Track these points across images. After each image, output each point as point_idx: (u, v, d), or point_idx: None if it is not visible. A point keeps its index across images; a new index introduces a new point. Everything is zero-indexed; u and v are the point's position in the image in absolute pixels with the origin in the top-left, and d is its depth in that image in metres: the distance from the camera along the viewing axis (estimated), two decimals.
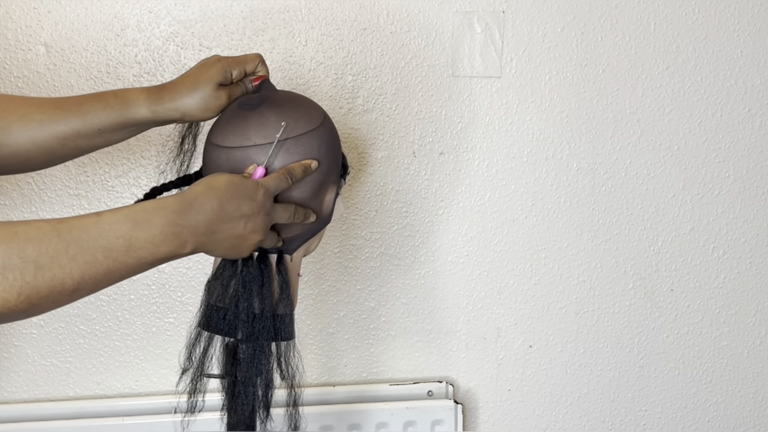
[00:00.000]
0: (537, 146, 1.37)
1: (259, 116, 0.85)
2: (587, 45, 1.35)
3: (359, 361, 1.40)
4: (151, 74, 1.25)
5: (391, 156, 1.33)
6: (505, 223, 1.39)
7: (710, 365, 1.51)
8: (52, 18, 1.22)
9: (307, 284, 1.36)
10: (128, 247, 0.70)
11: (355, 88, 1.30)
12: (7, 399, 1.32)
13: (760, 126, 1.43)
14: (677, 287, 1.47)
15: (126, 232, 0.70)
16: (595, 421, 1.50)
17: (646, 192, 1.42)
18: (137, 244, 0.71)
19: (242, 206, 0.78)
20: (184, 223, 0.74)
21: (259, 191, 0.79)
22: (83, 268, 0.67)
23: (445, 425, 1.35)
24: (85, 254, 0.67)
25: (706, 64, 1.39)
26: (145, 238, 0.71)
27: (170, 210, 0.74)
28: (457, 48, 1.31)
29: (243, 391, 0.87)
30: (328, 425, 1.32)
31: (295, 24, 1.27)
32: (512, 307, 1.42)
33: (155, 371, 1.34)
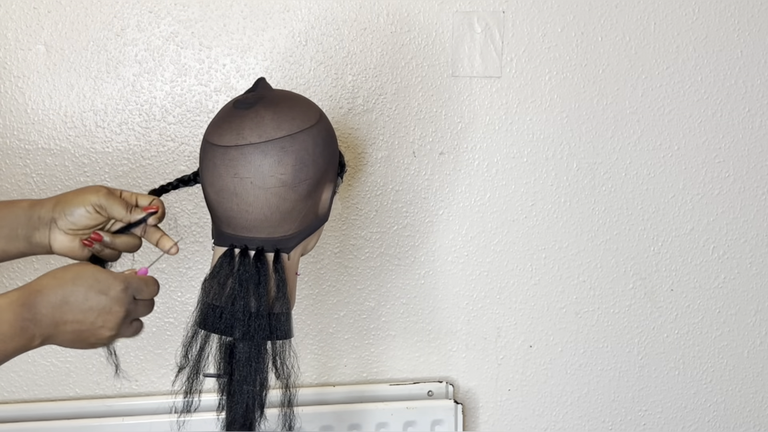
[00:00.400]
0: (537, 146, 1.37)
1: (255, 115, 0.86)
2: (587, 45, 1.35)
3: (359, 361, 1.40)
4: (151, 74, 1.25)
5: (391, 156, 1.33)
6: (505, 223, 1.39)
7: (710, 365, 1.51)
8: (52, 18, 1.22)
9: (306, 284, 1.36)
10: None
11: (355, 88, 1.30)
12: (7, 399, 1.32)
13: (760, 126, 1.43)
14: (677, 287, 1.47)
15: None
16: (595, 421, 1.50)
17: (646, 192, 1.42)
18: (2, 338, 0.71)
19: (89, 299, 0.77)
20: (30, 316, 0.74)
21: (115, 287, 0.79)
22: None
23: (445, 425, 1.35)
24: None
25: (706, 64, 1.39)
26: (6, 342, 0.72)
27: (17, 304, 0.74)
28: (457, 48, 1.31)
29: (238, 390, 0.87)
30: (328, 425, 1.32)
31: (295, 24, 1.27)
32: (512, 307, 1.42)
33: (155, 371, 1.34)
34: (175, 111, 1.27)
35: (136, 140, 1.27)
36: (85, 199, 0.86)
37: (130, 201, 0.89)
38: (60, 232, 0.87)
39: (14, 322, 0.72)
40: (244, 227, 0.87)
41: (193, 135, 1.28)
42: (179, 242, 0.92)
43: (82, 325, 0.77)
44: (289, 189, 0.86)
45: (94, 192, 0.87)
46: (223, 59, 1.26)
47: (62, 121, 1.25)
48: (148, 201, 0.90)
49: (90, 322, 0.77)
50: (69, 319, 0.76)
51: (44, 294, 0.76)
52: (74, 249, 0.88)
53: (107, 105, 1.25)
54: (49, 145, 1.25)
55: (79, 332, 0.77)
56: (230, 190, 0.86)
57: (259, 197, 0.85)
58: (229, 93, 1.27)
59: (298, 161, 0.86)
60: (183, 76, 1.26)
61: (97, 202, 0.86)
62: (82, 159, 1.26)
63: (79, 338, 0.78)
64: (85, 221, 0.86)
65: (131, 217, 0.88)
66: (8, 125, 1.24)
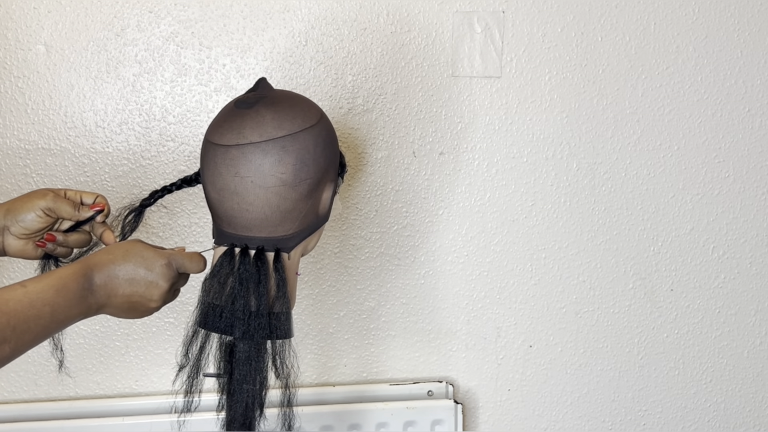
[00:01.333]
0: (537, 146, 1.37)
1: (255, 114, 0.86)
2: (587, 45, 1.35)
3: (359, 361, 1.40)
4: (151, 74, 1.25)
5: (391, 156, 1.33)
6: (505, 223, 1.39)
7: (710, 365, 1.51)
8: (52, 18, 1.22)
9: (306, 284, 1.36)
10: (53, 313, 0.76)
11: (355, 88, 1.30)
12: (7, 399, 1.32)
13: (760, 126, 1.43)
14: (677, 287, 1.47)
15: (51, 299, 0.76)
16: (595, 421, 1.50)
17: (646, 192, 1.42)
18: (59, 309, 0.77)
19: (137, 274, 0.84)
20: (88, 286, 0.80)
21: (159, 262, 0.85)
22: (19, 336, 0.73)
23: (445, 425, 1.35)
24: (22, 324, 0.73)
25: (706, 64, 1.39)
26: (65, 303, 0.77)
27: (79, 275, 0.80)
28: (457, 48, 1.31)
29: (238, 389, 0.87)
30: (328, 425, 1.32)
31: (295, 24, 1.27)
32: (512, 307, 1.42)
33: (155, 371, 1.34)
34: (175, 111, 1.27)
35: (136, 140, 1.27)
36: (33, 204, 0.91)
37: (76, 200, 0.94)
38: (13, 238, 0.92)
39: (77, 291, 0.79)
40: (244, 226, 0.87)
41: (193, 135, 1.28)
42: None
43: (131, 297, 0.84)
44: (289, 188, 0.86)
45: (41, 197, 0.92)
46: (223, 59, 1.26)
47: (62, 121, 1.25)
48: (92, 198, 0.95)
49: (139, 294, 0.84)
50: (119, 293, 0.83)
51: (99, 268, 0.82)
52: (28, 251, 0.94)
53: (107, 105, 1.25)
54: (49, 145, 1.25)
55: (130, 303, 0.84)
56: (231, 189, 0.86)
57: (260, 196, 0.85)
58: (229, 93, 1.27)
59: (299, 161, 0.86)
60: (183, 76, 1.26)
61: (46, 205, 0.91)
62: (82, 159, 1.26)
63: (130, 308, 0.85)
64: (36, 225, 0.92)
65: (79, 216, 0.93)
66: (8, 125, 1.24)
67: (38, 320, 0.74)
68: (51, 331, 0.77)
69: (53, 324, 0.76)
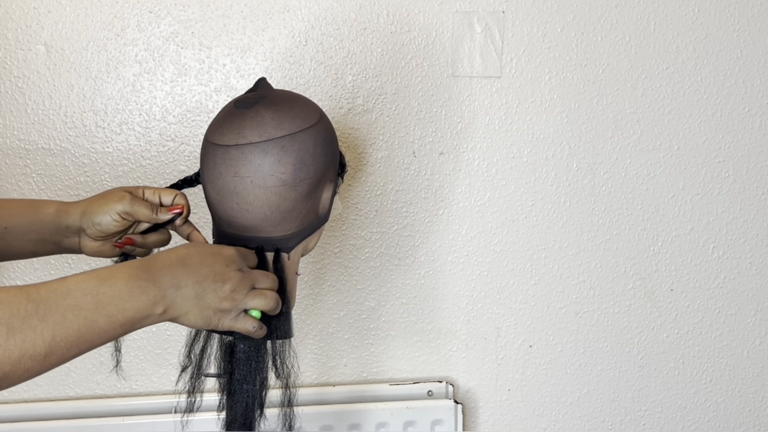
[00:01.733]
0: (537, 146, 1.37)
1: (255, 114, 0.86)
2: (587, 45, 1.35)
3: (359, 361, 1.40)
4: (151, 74, 1.25)
5: (391, 156, 1.33)
6: (505, 223, 1.39)
7: (710, 365, 1.51)
8: (52, 18, 1.22)
9: (306, 284, 1.36)
10: (96, 304, 0.68)
11: (355, 88, 1.30)
12: (7, 399, 1.32)
13: (760, 126, 1.43)
14: (677, 287, 1.47)
15: (93, 288, 0.68)
16: (595, 421, 1.50)
17: (646, 192, 1.42)
18: (105, 300, 0.69)
19: (204, 259, 0.77)
20: (146, 276, 0.72)
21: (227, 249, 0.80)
22: (54, 329, 0.65)
23: (445, 425, 1.35)
24: (55, 314, 0.66)
25: (706, 64, 1.39)
26: (112, 293, 0.69)
27: (134, 266, 0.73)
28: (457, 48, 1.31)
29: (238, 390, 0.87)
30: (328, 425, 1.32)
31: (295, 24, 1.27)
32: (512, 307, 1.42)
33: (155, 371, 1.34)
34: (175, 111, 1.27)
35: (136, 140, 1.27)
36: (110, 207, 0.88)
37: (154, 200, 0.91)
38: (89, 239, 0.89)
39: (129, 281, 0.71)
40: (244, 226, 0.87)
41: (193, 135, 1.28)
42: None
43: (201, 286, 0.75)
44: (289, 188, 0.86)
45: (119, 199, 0.88)
46: (223, 59, 1.26)
47: (62, 121, 1.25)
48: (171, 198, 0.91)
49: (210, 279, 0.76)
50: (189, 282, 0.74)
51: (160, 258, 0.75)
52: (105, 251, 0.90)
53: (107, 105, 1.25)
54: (49, 145, 1.25)
55: (201, 295, 0.75)
56: (230, 189, 0.86)
57: (260, 196, 0.85)
58: (229, 93, 1.27)
59: (299, 161, 0.86)
60: (183, 76, 1.26)
61: (122, 209, 0.88)
62: (82, 159, 1.26)
63: (202, 303, 0.75)
64: (112, 228, 0.88)
65: (157, 219, 0.90)
66: (8, 125, 1.24)
67: (78, 311, 0.66)
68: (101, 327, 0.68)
69: (102, 318, 0.68)
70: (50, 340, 0.65)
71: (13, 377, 0.64)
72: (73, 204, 0.91)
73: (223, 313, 0.77)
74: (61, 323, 0.66)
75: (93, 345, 0.69)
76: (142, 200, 0.90)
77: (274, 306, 0.82)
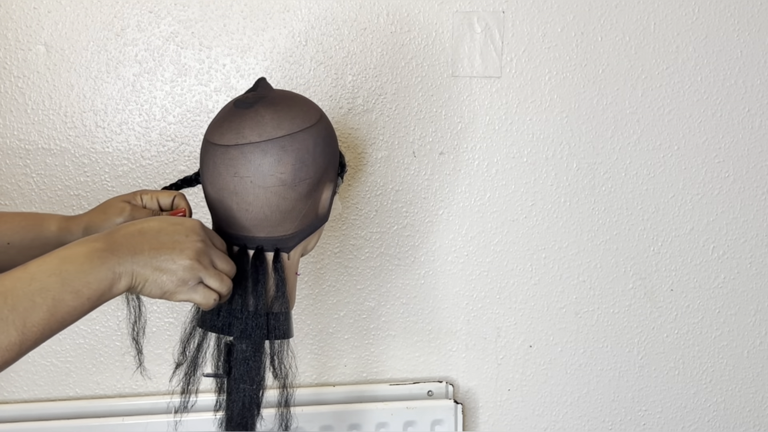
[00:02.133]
0: (537, 146, 1.37)
1: (255, 114, 0.86)
2: (587, 45, 1.35)
3: (359, 361, 1.40)
4: (151, 74, 1.25)
5: (391, 156, 1.33)
6: (505, 223, 1.39)
7: (710, 365, 1.51)
8: (52, 18, 1.22)
9: (306, 284, 1.36)
10: (62, 282, 0.68)
11: (355, 88, 1.30)
12: (7, 399, 1.32)
13: (760, 126, 1.43)
14: (677, 287, 1.47)
15: (56, 268, 0.69)
16: (595, 421, 1.50)
17: (646, 192, 1.42)
18: (69, 277, 0.69)
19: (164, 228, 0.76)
20: (104, 246, 0.72)
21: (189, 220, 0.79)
22: (25, 316, 0.65)
23: (445, 425, 1.35)
24: (24, 300, 0.66)
25: (706, 64, 1.39)
26: (75, 269, 0.69)
27: (92, 240, 0.73)
28: (457, 48, 1.31)
29: (235, 389, 0.87)
30: (328, 425, 1.32)
31: (295, 24, 1.27)
32: (512, 307, 1.42)
33: (155, 371, 1.34)
34: (175, 111, 1.27)
35: (136, 140, 1.27)
36: (111, 222, 0.88)
37: (153, 206, 0.91)
38: None
39: (89, 254, 0.71)
40: (243, 226, 0.87)
41: (193, 135, 1.28)
42: None
43: (158, 252, 0.74)
44: (288, 188, 0.86)
45: (119, 212, 0.89)
46: (223, 59, 1.26)
47: (62, 121, 1.25)
48: (169, 200, 0.92)
49: (168, 247, 0.75)
50: (145, 249, 0.74)
51: (121, 229, 0.75)
52: None
53: (107, 105, 1.25)
54: (49, 145, 1.25)
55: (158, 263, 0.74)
56: (230, 189, 0.86)
57: (259, 196, 0.85)
58: (229, 93, 1.27)
59: (298, 160, 0.86)
60: (183, 76, 1.26)
61: (123, 221, 0.88)
62: (82, 159, 1.26)
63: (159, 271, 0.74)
64: None
65: None
66: (8, 125, 1.24)
67: (45, 293, 0.67)
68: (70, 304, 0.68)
69: (69, 296, 0.68)
70: (22, 327, 0.65)
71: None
72: (74, 219, 0.91)
73: (180, 282, 0.76)
74: (31, 309, 0.66)
75: (64, 324, 0.69)
76: (142, 209, 0.90)
77: (226, 293, 0.79)
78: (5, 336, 0.64)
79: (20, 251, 0.89)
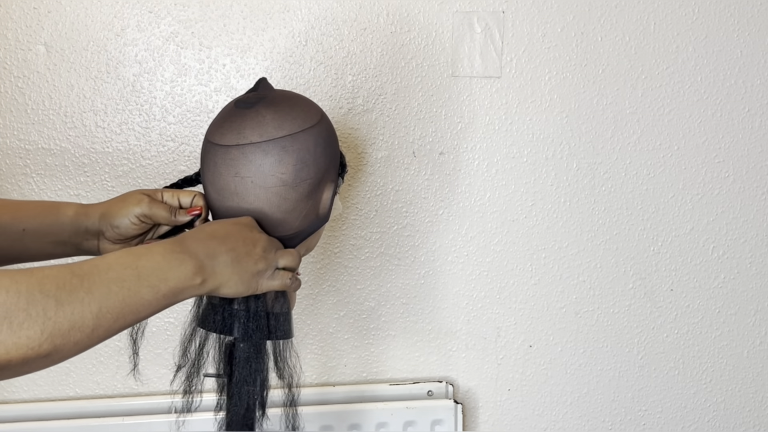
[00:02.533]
0: (537, 146, 1.37)
1: (256, 114, 0.86)
2: (587, 45, 1.35)
3: (359, 361, 1.40)
4: (151, 74, 1.25)
5: (391, 156, 1.33)
6: (505, 223, 1.39)
7: (710, 365, 1.51)
8: (52, 18, 1.22)
9: (306, 284, 1.36)
10: (138, 276, 0.70)
11: (355, 88, 1.30)
12: (7, 399, 1.32)
13: (760, 126, 1.43)
14: (677, 287, 1.47)
15: (132, 263, 0.70)
16: (595, 421, 1.50)
17: (646, 192, 1.42)
18: (145, 272, 0.71)
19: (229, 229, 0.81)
20: (182, 250, 0.75)
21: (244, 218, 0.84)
22: (100, 301, 0.66)
23: (445, 425, 1.35)
24: (100, 286, 0.67)
25: (706, 64, 1.39)
26: (151, 266, 0.72)
27: (168, 242, 0.76)
28: (457, 48, 1.31)
29: (238, 391, 0.87)
30: (328, 425, 1.32)
31: (295, 24, 1.27)
32: (512, 307, 1.42)
33: (155, 371, 1.34)
34: (175, 111, 1.27)
35: (136, 140, 1.27)
36: (128, 210, 0.88)
37: (173, 203, 0.91)
38: (108, 242, 0.90)
39: (165, 254, 0.73)
40: None
41: (193, 135, 1.28)
42: None
43: (235, 252, 0.79)
44: (289, 188, 0.86)
45: (137, 203, 0.89)
46: (223, 59, 1.26)
47: (62, 121, 1.25)
48: (189, 199, 0.92)
49: (241, 245, 0.80)
50: (222, 251, 0.78)
51: (190, 235, 0.79)
52: None
53: (107, 105, 1.25)
54: (49, 145, 1.25)
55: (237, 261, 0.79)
56: (231, 190, 0.86)
57: (260, 197, 0.85)
58: (229, 93, 1.27)
59: (299, 161, 0.86)
60: (183, 76, 1.26)
61: (141, 212, 0.88)
62: (82, 159, 1.26)
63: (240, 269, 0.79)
64: (131, 231, 0.89)
65: (176, 221, 0.90)
66: (8, 125, 1.24)
67: (121, 283, 0.68)
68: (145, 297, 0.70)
69: (145, 289, 0.70)
70: (97, 312, 0.66)
71: (63, 350, 0.65)
72: (92, 206, 0.91)
73: (260, 274, 0.81)
74: (107, 295, 0.67)
75: (138, 316, 0.71)
76: (161, 203, 0.90)
77: (299, 262, 0.87)
78: (80, 317, 0.65)
79: (35, 238, 0.89)
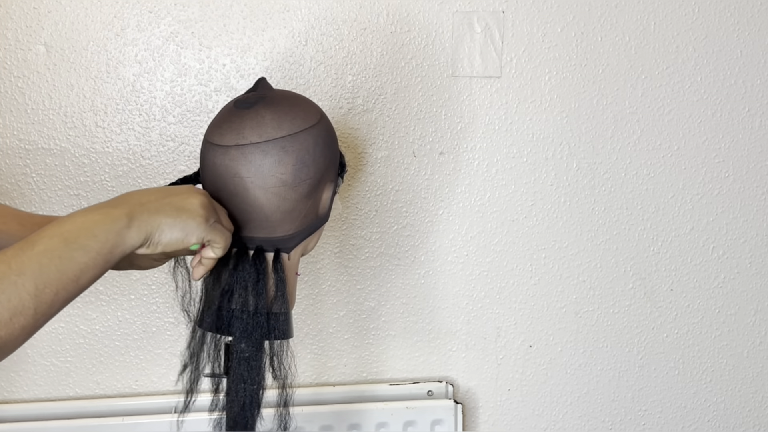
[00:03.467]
0: (537, 146, 1.37)
1: (255, 114, 0.86)
2: (587, 45, 1.35)
3: (359, 361, 1.40)
4: (151, 74, 1.25)
5: (391, 156, 1.33)
6: (505, 223, 1.39)
7: (710, 365, 1.51)
8: (52, 18, 1.22)
9: (306, 284, 1.36)
10: (65, 241, 0.68)
11: (355, 88, 1.30)
12: (7, 399, 1.32)
13: (760, 126, 1.43)
14: (677, 287, 1.47)
15: (56, 230, 0.69)
16: (595, 421, 1.50)
17: (646, 192, 1.42)
18: (71, 236, 0.69)
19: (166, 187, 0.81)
20: (107, 204, 0.74)
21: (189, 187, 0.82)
22: (35, 279, 0.65)
23: (445, 425, 1.35)
24: (30, 264, 0.66)
25: (706, 64, 1.39)
26: (76, 228, 0.70)
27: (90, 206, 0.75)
28: (457, 48, 1.31)
29: (235, 390, 0.87)
30: (328, 425, 1.32)
31: (295, 24, 1.27)
32: (512, 307, 1.42)
33: (155, 371, 1.34)
34: (175, 111, 1.27)
35: (136, 140, 1.27)
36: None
37: None
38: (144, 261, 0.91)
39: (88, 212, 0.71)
40: (243, 227, 0.87)
41: (193, 135, 1.28)
42: None
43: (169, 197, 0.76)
44: (289, 189, 0.86)
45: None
46: (223, 59, 1.26)
47: (62, 121, 1.25)
48: None
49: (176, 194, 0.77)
50: (153, 197, 0.75)
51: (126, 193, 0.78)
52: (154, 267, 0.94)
53: (107, 105, 1.25)
54: (49, 145, 1.25)
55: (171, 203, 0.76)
56: (230, 190, 0.86)
57: (260, 197, 0.85)
58: (229, 93, 1.27)
59: (299, 161, 0.86)
60: (183, 76, 1.26)
61: None
62: (82, 159, 1.26)
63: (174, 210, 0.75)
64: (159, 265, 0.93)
65: None
66: (8, 125, 1.24)
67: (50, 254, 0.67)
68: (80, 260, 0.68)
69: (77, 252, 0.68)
70: (34, 291, 0.65)
71: (10, 339, 0.64)
72: None
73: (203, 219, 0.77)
74: (39, 271, 0.66)
75: (79, 283, 0.69)
76: None
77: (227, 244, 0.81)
78: (18, 300, 0.64)
79: None
